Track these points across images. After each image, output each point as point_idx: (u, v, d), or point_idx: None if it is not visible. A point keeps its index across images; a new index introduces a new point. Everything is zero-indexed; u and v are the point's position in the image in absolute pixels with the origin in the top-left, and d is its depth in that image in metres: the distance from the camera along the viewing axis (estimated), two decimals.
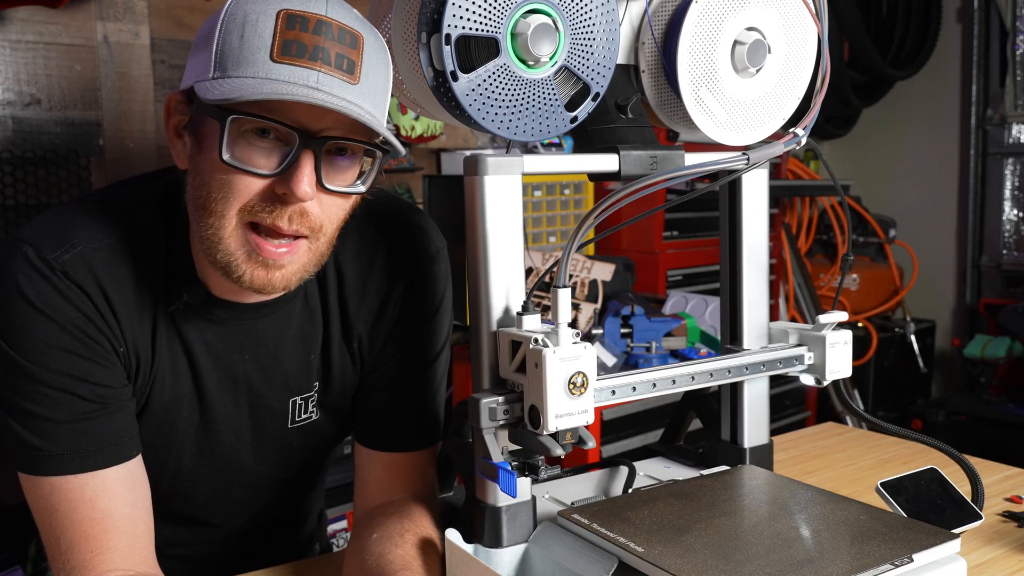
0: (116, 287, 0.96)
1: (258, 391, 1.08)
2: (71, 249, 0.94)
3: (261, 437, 1.12)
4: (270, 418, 1.11)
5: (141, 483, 0.99)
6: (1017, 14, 3.65)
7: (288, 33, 0.87)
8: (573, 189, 2.80)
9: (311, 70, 0.87)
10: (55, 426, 0.93)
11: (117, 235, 0.98)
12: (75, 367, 0.94)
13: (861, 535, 0.88)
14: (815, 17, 1.00)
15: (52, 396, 0.93)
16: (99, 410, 0.95)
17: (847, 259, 1.13)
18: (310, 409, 1.13)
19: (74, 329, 0.94)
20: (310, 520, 1.37)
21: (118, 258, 0.97)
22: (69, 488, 0.94)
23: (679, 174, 0.87)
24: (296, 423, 1.13)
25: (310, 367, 1.10)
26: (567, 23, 0.89)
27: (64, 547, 0.94)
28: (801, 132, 0.87)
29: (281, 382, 1.09)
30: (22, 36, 1.96)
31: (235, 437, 1.10)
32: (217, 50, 0.88)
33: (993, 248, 3.84)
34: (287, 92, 0.85)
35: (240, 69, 0.87)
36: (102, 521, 0.94)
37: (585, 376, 0.84)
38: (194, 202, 0.94)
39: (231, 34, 0.88)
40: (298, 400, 1.12)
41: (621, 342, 2.44)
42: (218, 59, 0.88)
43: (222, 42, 0.88)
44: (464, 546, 0.91)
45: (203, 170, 0.92)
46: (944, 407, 3.54)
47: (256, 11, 0.87)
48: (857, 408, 1.17)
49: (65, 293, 0.93)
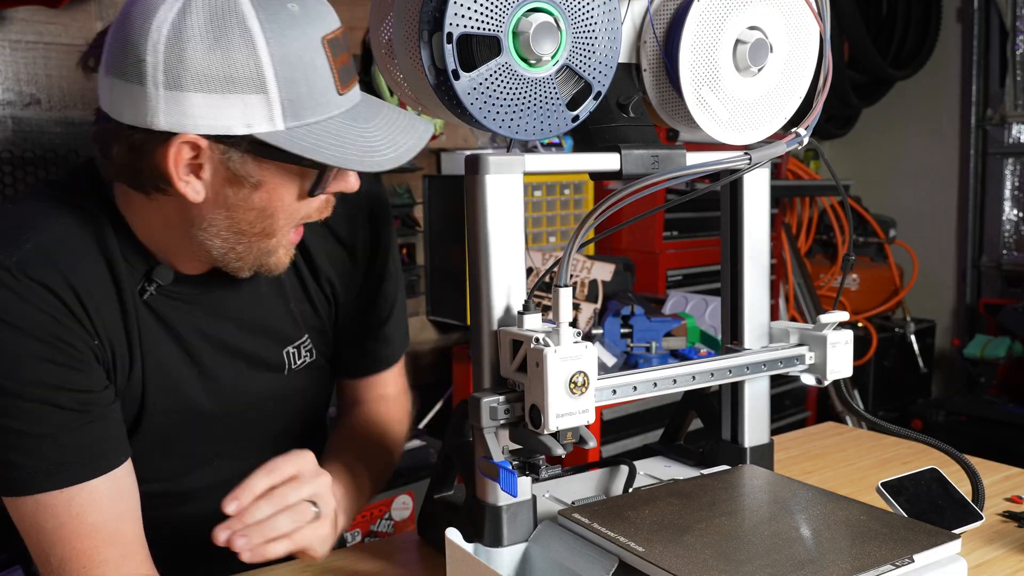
0: (77, 275, 0.93)
1: (252, 352, 1.10)
2: (23, 245, 0.91)
3: (262, 393, 1.13)
4: (269, 373, 1.13)
5: (129, 490, 0.97)
6: (1017, 14, 3.65)
7: (336, 60, 0.89)
8: (573, 189, 2.80)
9: (355, 87, 0.93)
10: (36, 440, 0.90)
11: (64, 224, 0.95)
12: (50, 375, 0.90)
13: (862, 535, 0.88)
14: (817, 16, 1.00)
15: (30, 409, 0.89)
16: (81, 418, 0.92)
17: (848, 259, 1.13)
18: (304, 355, 1.16)
19: (43, 334, 0.90)
20: None
21: (72, 246, 0.94)
22: (55, 504, 0.91)
23: (681, 174, 0.87)
24: (294, 368, 1.15)
25: (294, 317, 1.13)
26: (569, 22, 0.89)
27: (55, 564, 0.92)
28: (803, 132, 0.87)
29: (270, 336, 1.11)
30: (22, 36, 1.96)
31: (243, 400, 1.11)
32: (282, 97, 0.85)
33: (993, 248, 3.84)
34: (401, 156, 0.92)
35: (316, 113, 0.88)
36: (91, 535, 0.92)
37: (586, 375, 0.84)
38: (236, 228, 0.94)
39: (295, 81, 0.86)
40: (291, 349, 1.14)
41: (621, 342, 2.45)
42: (287, 107, 0.86)
43: (285, 89, 0.85)
44: (464, 545, 0.91)
45: (259, 205, 0.93)
46: (944, 407, 3.54)
47: (303, 48, 0.86)
48: (857, 408, 1.17)
49: (26, 297, 0.89)
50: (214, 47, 0.83)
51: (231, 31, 0.83)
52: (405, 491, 2.35)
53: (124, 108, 0.87)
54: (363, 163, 0.90)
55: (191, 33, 0.82)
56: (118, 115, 0.88)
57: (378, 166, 0.90)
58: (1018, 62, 3.68)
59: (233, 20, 0.83)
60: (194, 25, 0.82)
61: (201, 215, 0.94)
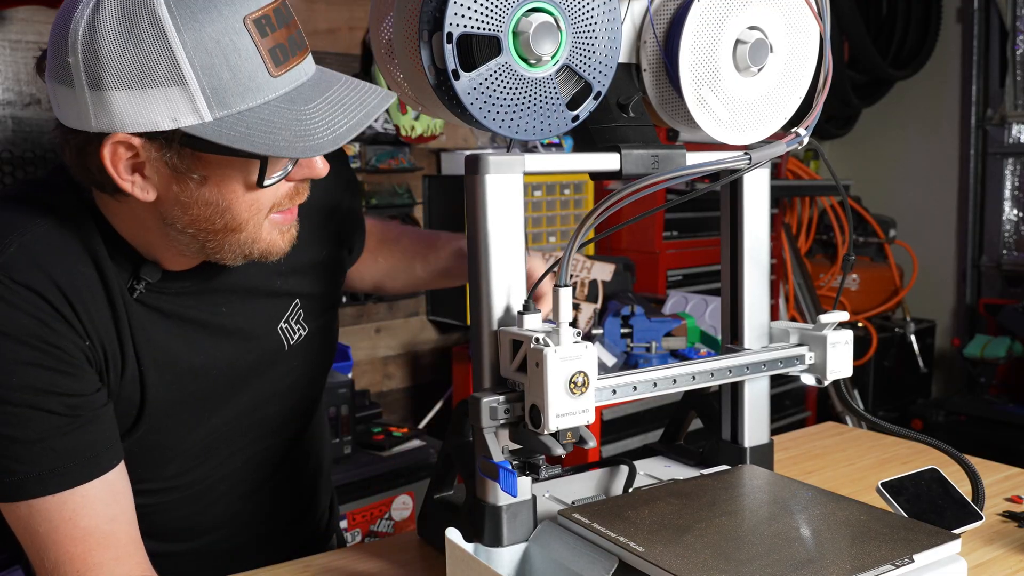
0: (64, 275, 0.91)
1: (250, 333, 1.09)
2: (6, 248, 0.89)
3: (264, 373, 1.12)
4: (269, 353, 1.12)
5: (122, 492, 0.96)
6: (1017, 14, 3.65)
7: (265, 41, 0.84)
8: (573, 189, 2.80)
9: (299, 66, 0.89)
10: (27, 446, 0.89)
11: (48, 225, 0.93)
12: (38, 380, 0.88)
13: (862, 535, 0.88)
14: (817, 16, 1.00)
15: (19, 415, 0.88)
16: (71, 423, 0.91)
17: (848, 259, 1.13)
18: (296, 329, 1.15)
19: (30, 339, 0.88)
20: (322, 498, 1.36)
21: (56, 246, 0.92)
22: (48, 508, 0.90)
23: (681, 173, 0.87)
24: (291, 346, 1.15)
25: (279, 289, 1.12)
26: (569, 22, 0.89)
27: (49, 568, 0.92)
28: (803, 132, 0.87)
29: (263, 314, 1.11)
30: (22, 36, 1.96)
31: (245, 385, 1.10)
32: (203, 87, 0.82)
33: (993, 248, 3.84)
34: (340, 138, 0.87)
35: (246, 99, 0.84)
36: (85, 539, 0.91)
37: (586, 375, 0.84)
38: (205, 228, 0.92)
39: (215, 68, 0.82)
40: (283, 325, 1.13)
41: (621, 342, 2.45)
42: (211, 96, 0.82)
43: (205, 78, 0.82)
44: (464, 545, 0.91)
45: (211, 200, 0.90)
46: (944, 407, 3.54)
47: (220, 32, 0.82)
48: (857, 408, 1.17)
49: (12, 301, 0.88)
50: (126, 42, 0.80)
51: (140, 23, 0.80)
52: (405, 491, 2.35)
53: (66, 112, 0.86)
54: (295, 149, 0.84)
55: (103, 29, 0.80)
56: (64, 119, 0.87)
57: (313, 151, 0.85)
58: (1018, 62, 3.69)
59: (142, 11, 0.80)
60: (106, 21, 0.80)
61: (164, 213, 0.91)
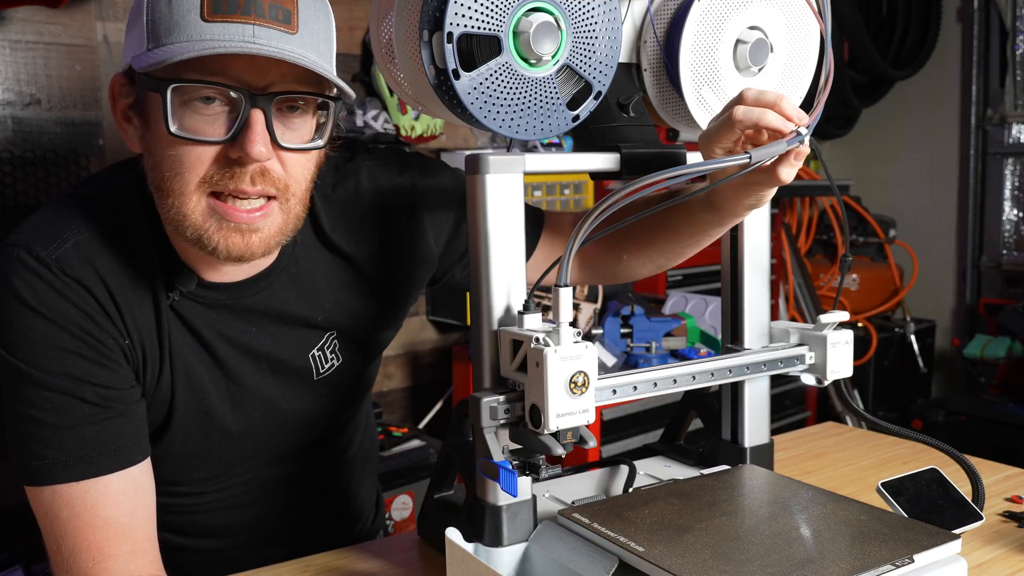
0: (114, 276, 0.95)
1: (278, 357, 1.08)
2: (63, 243, 0.93)
3: (291, 400, 1.12)
4: (296, 379, 1.11)
5: (145, 489, 0.98)
6: (1017, 14, 3.65)
7: None
8: (573, 189, 2.80)
9: (245, 24, 0.85)
10: (58, 432, 0.92)
11: (105, 226, 0.97)
12: (76, 368, 0.92)
13: (862, 535, 0.88)
14: (818, 16, 1.00)
15: (54, 400, 0.91)
16: (101, 413, 0.93)
17: (845, 260, 1.13)
18: (330, 358, 1.13)
19: (74, 328, 0.92)
20: (364, 497, 1.34)
21: (111, 248, 0.96)
22: (71, 495, 0.92)
23: (681, 173, 0.87)
24: (321, 375, 1.13)
25: (319, 323, 1.10)
26: (569, 22, 0.89)
27: (66, 554, 0.93)
28: (804, 131, 0.87)
29: (295, 341, 1.09)
30: (22, 36, 1.96)
31: (268, 407, 1.10)
32: (148, 21, 0.86)
33: (993, 248, 3.84)
34: (219, 47, 0.83)
35: (172, 36, 0.85)
36: (104, 529, 0.93)
37: (586, 375, 0.84)
38: (153, 184, 0.92)
39: (158, 3, 0.86)
40: (315, 352, 1.12)
41: (621, 342, 2.45)
42: (150, 30, 0.86)
43: (151, 12, 0.86)
44: (464, 545, 0.91)
45: (154, 149, 0.91)
46: (944, 407, 3.54)
47: None
48: (857, 408, 1.17)
49: (62, 291, 0.92)
50: None
51: None
52: (405, 491, 2.35)
53: None
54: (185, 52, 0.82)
55: None
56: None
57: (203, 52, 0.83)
58: (1018, 62, 3.68)
59: None
60: None
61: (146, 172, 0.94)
